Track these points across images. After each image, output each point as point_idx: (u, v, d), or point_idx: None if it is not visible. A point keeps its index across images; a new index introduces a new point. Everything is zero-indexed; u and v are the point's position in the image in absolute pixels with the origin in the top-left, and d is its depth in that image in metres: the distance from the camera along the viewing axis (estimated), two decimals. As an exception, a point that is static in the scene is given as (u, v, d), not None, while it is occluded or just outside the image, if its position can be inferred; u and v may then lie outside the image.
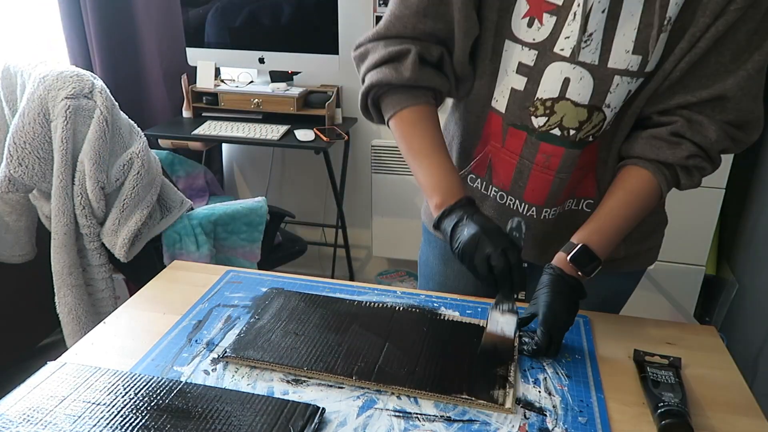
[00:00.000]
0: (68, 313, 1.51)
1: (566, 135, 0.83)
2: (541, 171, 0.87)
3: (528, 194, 0.90)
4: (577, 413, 0.72)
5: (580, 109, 0.81)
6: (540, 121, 0.84)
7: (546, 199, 0.89)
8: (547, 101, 0.82)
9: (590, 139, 0.84)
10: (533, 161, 0.87)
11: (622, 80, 0.79)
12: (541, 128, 0.84)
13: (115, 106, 1.44)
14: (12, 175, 1.38)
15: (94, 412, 0.68)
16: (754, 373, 1.67)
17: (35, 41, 2.19)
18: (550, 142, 0.85)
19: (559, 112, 0.82)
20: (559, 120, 0.82)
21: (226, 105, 2.32)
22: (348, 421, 0.70)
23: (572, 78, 0.80)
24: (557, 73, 0.80)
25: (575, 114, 0.82)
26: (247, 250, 1.77)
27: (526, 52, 0.81)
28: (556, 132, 0.83)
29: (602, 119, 0.82)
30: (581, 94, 0.80)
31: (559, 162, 0.85)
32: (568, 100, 0.81)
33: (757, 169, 1.86)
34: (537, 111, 0.83)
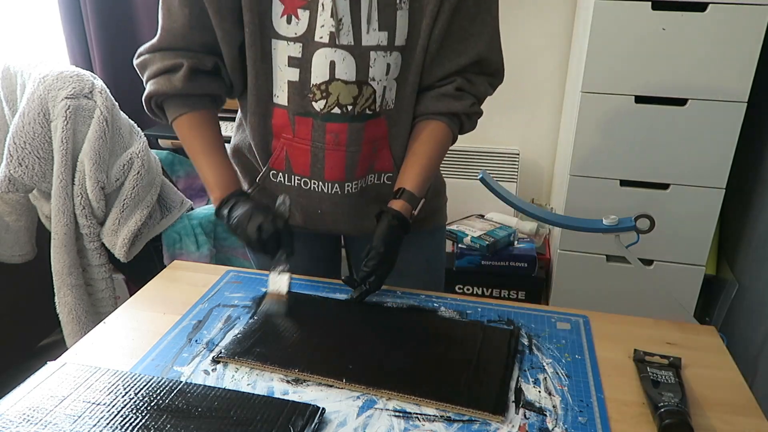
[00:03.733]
0: (68, 313, 1.51)
1: (346, 111, 0.93)
2: (333, 149, 0.95)
3: (328, 173, 0.97)
4: (577, 413, 0.72)
5: (350, 86, 0.91)
6: (320, 104, 0.92)
7: (345, 174, 0.97)
8: (321, 85, 0.91)
9: (368, 112, 0.94)
10: (324, 142, 0.95)
11: (377, 55, 0.90)
12: (323, 110, 0.93)
13: (115, 106, 1.44)
14: (12, 175, 1.38)
15: (94, 412, 0.68)
16: (754, 373, 1.67)
17: (35, 41, 2.19)
18: (334, 121, 0.93)
19: (333, 93, 0.92)
20: (336, 100, 0.92)
21: (226, 105, 2.32)
22: (348, 421, 0.70)
23: (336, 60, 0.89)
24: (323, 58, 0.90)
25: (348, 91, 0.92)
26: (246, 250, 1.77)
27: (293, 46, 0.90)
28: (337, 111, 0.93)
29: (372, 92, 0.93)
30: (347, 72, 0.90)
31: (347, 137, 0.94)
32: (339, 80, 0.91)
33: (757, 169, 1.86)
34: (315, 96, 0.92)
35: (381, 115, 0.96)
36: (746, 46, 1.68)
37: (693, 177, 1.84)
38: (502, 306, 0.96)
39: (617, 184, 1.90)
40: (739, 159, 1.80)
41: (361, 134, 0.95)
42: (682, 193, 1.86)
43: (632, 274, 1.93)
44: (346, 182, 0.98)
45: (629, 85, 1.78)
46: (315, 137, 0.95)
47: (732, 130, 1.76)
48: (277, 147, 0.99)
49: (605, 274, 1.98)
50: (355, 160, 0.97)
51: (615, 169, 1.88)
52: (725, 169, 1.81)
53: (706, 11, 1.67)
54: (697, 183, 1.84)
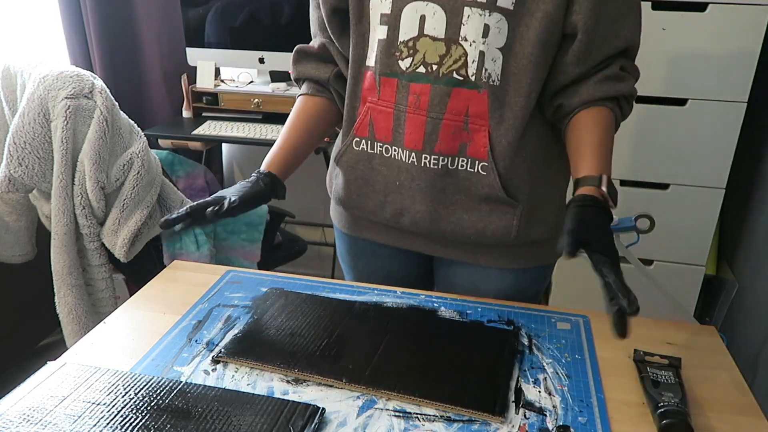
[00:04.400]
0: (68, 313, 1.51)
1: (430, 71, 0.87)
2: (414, 113, 0.90)
3: (407, 140, 0.92)
4: (577, 413, 0.72)
5: (438, 43, 0.86)
6: (406, 63, 0.89)
7: (423, 143, 0.90)
8: (409, 41, 0.87)
9: (457, 77, 0.87)
10: (406, 104, 0.90)
11: (473, 11, 0.83)
12: (408, 69, 0.89)
13: (115, 106, 1.44)
14: (12, 175, 1.38)
15: (94, 412, 0.68)
16: (754, 373, 1.67)
17: (35, 41, 2.19)
18: (417, 81, 0.89)
19: (420, 50, 0.87)
20: (422, 57, 0.87)
21: (226, 105, 2.32)
22: (348, 421, 0.70)
23: (426, 14, 0.85)
24: (413, 12, 0.86)
25: (434, 48, 0.86)
26: (247, 250, 1.77)
27: (384, 3, 0.88)
28: (422, 70, 0.88)
29: (462, 53, 0.85)
30: (436, 28, 0.85)
31: (428, 100, 0.88)
32: (427, 36, 0.86)
33: (757, 169, 1.86)
34: (402, 54, 0.88)
35: (480, 88, 0.86)
36: (746, 46, 1.67)
37: (693, 177, 1.84)
38: (502, 306, 0.96)
39: (617, 184, 1.90)
40: (739, 159, 1.80)
41: (444, 100, 0.87)
42: (682, 193, 1.86)
43: (632, 274, 1.93)
44: (424, 153, 0.90)
45: (629, 85, 1.78)
46: (398, 99, 0.91)
47: (732, 130, 1.76)
48: (361, 112, 0.95)
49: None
50: (435, 127, 0.89)
51: (615, 169, 1.87)
52: (725, 169, 1.81)
53: (706, 11, 1.67)
54: (697, 183, 1.84)
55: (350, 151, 0.98)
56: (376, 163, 0.96)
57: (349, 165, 0.99)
